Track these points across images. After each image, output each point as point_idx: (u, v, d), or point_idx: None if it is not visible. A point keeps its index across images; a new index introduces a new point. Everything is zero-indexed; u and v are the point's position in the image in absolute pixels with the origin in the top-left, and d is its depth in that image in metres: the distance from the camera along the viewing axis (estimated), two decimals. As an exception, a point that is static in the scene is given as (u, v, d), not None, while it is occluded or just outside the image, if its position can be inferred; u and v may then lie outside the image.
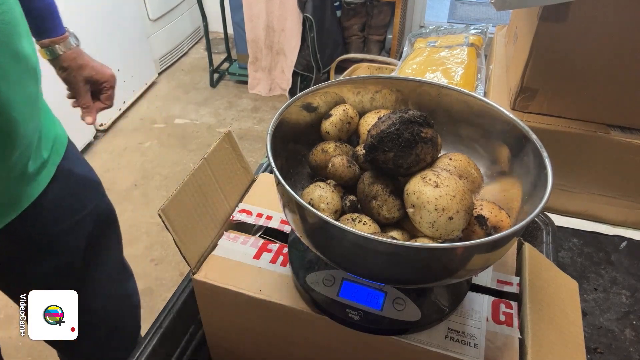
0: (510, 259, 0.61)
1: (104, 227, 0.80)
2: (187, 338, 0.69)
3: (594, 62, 0.74)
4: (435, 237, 0.46)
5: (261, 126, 2.48)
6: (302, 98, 0.56)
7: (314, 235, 0.47)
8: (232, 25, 2.59)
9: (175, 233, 0.56)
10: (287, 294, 0.56)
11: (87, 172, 0.78)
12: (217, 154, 0.66)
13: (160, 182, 2.10)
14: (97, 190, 0.80)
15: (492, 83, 0.96)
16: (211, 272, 0.59)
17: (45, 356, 1.41)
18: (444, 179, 0.45)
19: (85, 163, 0.79)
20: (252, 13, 2.40)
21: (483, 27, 1.23)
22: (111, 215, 0.83)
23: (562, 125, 0.80)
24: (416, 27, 2.77)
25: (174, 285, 1.62)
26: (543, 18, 0.73)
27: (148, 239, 1.81)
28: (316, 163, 0.57)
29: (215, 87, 2.80)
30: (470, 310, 0.54)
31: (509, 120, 0.52)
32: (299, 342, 0.61)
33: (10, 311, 1.54)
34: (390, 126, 0.47)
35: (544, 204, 0.41)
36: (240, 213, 0.67)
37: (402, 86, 0.60)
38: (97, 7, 2.18)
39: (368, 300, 0.52)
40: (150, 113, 2.57)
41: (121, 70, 2.42)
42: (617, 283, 0.80)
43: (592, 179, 0.84)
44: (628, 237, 0.87)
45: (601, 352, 0.70)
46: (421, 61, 1.11)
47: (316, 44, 2.37)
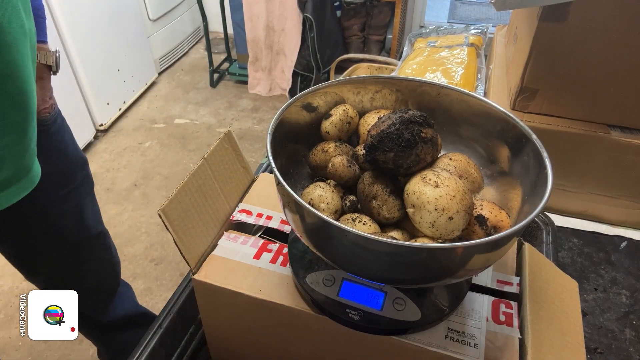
0: (510, 259, 0.61)
1: (84, 195, 0.84)
2: (187, 338, 0.69)
3: (594, 62, 0.74)
4: (435, 237, 0.46)
5: (261, 126, 2.48)
6: (302, 98, 0.56)
7: (314, 235, 0.47)
8: (232, 25, 2.59)
9: (175, 233, 0.56)
10: (287, 294, 0.56)
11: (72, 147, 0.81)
12: (217, 154, 0.66)
13: (160, 182, 2.10)
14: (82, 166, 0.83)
15: (492, 83, 0.96)
16: (211, 272, 0.59)
17: (46, 356, 1.42)
18: (444, 179, 0.45)
19: None
20: (252, 13, 2.40)
21: (483, 27, 1.23)
22: (90, 184, 0.87)
23: (562, 125, 0.80)
24: (416, 27, 2.77)
25: (174, 285, 1.62)
26: (543, 18, 0.73)
27: (148, 239, 1.81)
28: (316, 163, 0.57)
29: (215, 87, 2.81)
30: (470, 310, 0.54)
31: (509, 120, 0.52)
32: (299, 342, 0.61)
33: (10, 311, 1.54)
34: (390, 126, 0.47)
35: (544, 204, 0.41)
36: (240, 213, 0.67)
37: (402, 86, 0.60)
38: (97, 7, 2.18)
39: (368, 300, 0.52)
40: (150, 113, 2.57)
41: (121, 70, 2.42)
42: (617, 283, 0.80)
43: (592, 179, 0.84)
44: (628, 237, 0.87)
45: (601, 352, 0.70)
46: (421, 61, 1.10)
47: (316, 44, 2.36)
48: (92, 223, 0.88)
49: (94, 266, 0.93)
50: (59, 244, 0.82)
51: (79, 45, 2.07)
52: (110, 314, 1.02)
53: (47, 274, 0.88)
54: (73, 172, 0.79)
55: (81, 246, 0.87)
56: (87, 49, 2.13)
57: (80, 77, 2.14)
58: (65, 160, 0.77)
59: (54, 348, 1.43)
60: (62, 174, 0.77)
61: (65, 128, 0.77)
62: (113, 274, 1.01)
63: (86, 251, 0.89)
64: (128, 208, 1.94)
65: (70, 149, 0.78)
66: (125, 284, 1.08)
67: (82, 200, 0.83)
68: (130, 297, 1.10)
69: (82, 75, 2.14)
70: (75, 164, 0.80)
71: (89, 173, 0.85)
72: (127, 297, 1.09)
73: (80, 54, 2.08)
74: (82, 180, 0.82)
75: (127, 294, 1.09)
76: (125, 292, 1.08)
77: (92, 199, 0.87)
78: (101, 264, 0.95)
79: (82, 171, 0.82)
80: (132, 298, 1.11)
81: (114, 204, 1.94)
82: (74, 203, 0.81)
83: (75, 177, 0.80)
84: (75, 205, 0.81)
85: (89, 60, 2.15)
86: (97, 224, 0.90)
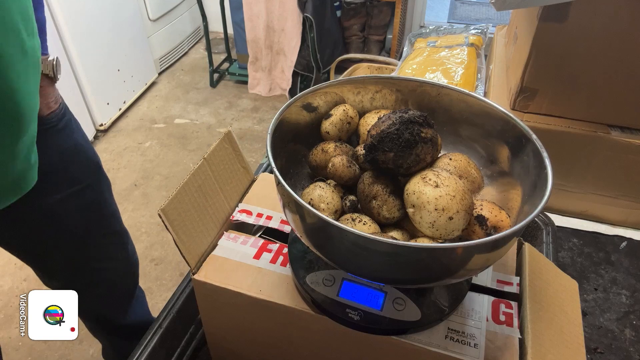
0: (510, 259, 0.61)
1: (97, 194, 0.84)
2: (187, 338, 0.69)
3: (594, 62, 0.74)
4: (435, 237, 0.46)
5: (261, 126, 2.48)
6: (302, 98, 0.56)
7: (314, 235, 0.47)
8: (232, 25, 2.59)
9: (175, 233, 0.56)
10: (287, 294, 0.56)
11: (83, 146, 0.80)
12: (217, 154, 0.66)
13: (160, 182, 2.10)
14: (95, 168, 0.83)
15: (492, 83, 0.96)
16: (211, 272, 0.59)
17: (46, 356, 1.42)
18: (444, 179, 0.45)
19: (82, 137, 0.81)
20: (252, 13, 2.40)
21: (483, 27, 1.23)
22: (105, 183, 0.87)
23: (562, 125, 0.80)
24: (416, 27, 2.77)
25: (174, 285, 1.62)
26: (543, 18, 0.73)
27: (148, 239, 1.81)
28: (316, 163, 0.57)
29: (215, 87, 2.80)
30: (470, 310, 0.54)
31: (509, 120, 0.52)
32: (299, 342, 0.61)
33: (10, 311, 1.54)
34: (390, 126, 0.47)
35: (544, 204, 0.41)
36: (240, 213, 0.67)
37: (402, 86, 0.60)
38: (97, 7, 2.18)
39: (368, 300, 0.52)
40: (150, 113, 2.57)
41: (121, 70, 2.42)
42: (617, 283, 0.80)
43: (592, 179, 0.84)
44: (628, 237, 0.87)
45: (601, 352, 0.70)
46: (421, 61, 1.10)
47: (316, 44, 2.36)
48: (106, 222, 0.87)
49: (110, 265, 0.92)
50: (68, 242, 0.82)
51: (79, 45, 2.07)
52: (128, 318, 1.02)
53: (61, 274, 0.87)
54: (82, 171, 0.79)
55: (93, 245, 0.86)
56: (87, 49, 2.13)
57: (80, 77, 2.14)
58: (72, 158, 0.77)
59: (54, 348, 1.43)
60: (68, 172, 0.76)
61: (73, 127, 0.77)
62: (130, 273, 1.00)
63: (100, 250, 0.88)
64: (128, 208, 1.94)
65: (78, 147, 0.78)
66: (141, 290, 1.08)
67: (94, 199, 0.83)
68: (146, 304, 1.10)
69: (82, 75, 2.14)
70: (84, 163, 0.79)
71: (102, 172, 0.85)
72: (144, 303, 1.09)
73: (80, 54, 2.08)
74: (95, 179, 0.82)
75: (144, 301, 1.09)
76: (142, 298, 1.08)
77: (106, 198, 0.86)
78: (118, 264, 0.95)
79: (93, 170, 0.82)
80: (147, 306, 1.11)
81: (114, 204, 1.94)
82: (85, 202, 0.80)
83: (85, 176, 0.79)
84: (85, 204, 0.81)
85: (89, 60, 2.15)
86: (113, 223, 0.89)
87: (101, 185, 0.84)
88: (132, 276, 1.01)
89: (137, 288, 1.05)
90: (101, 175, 0.85)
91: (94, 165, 0.82)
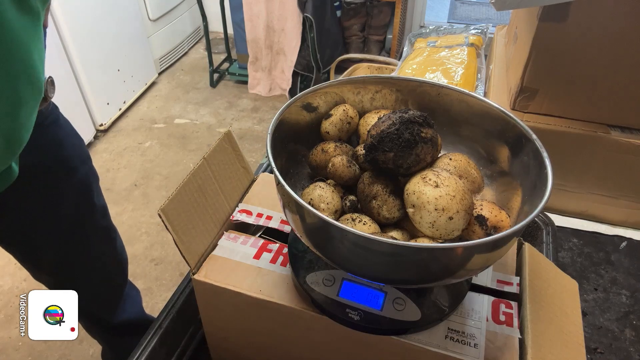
0: (510, 259, 0.61)
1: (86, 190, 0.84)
2: (187, 338, 0.69)
3: (594, 62, 0.74)
4: (435, 237, 0.46)
5: (261, 126, 2.48)
6: (302, 98, 0.56)
7: (314, 235, 0.47)
8: (232, 25, 2.59)
9: (175, 233, 0.56)
10: (287, 294, 0.56)
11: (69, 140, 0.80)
12: (217, 154, 0.66)
13: (160, 182, 2.10)
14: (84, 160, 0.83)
15: (492, 83, 0.96)
16: (211, 272, 0.59)
17: (46, 356, 1.42)
18: (444, 179, 0.45)
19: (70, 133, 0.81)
20: (252, 13, 2.40)
21: (483, 27, 1.23)
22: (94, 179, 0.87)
23: (562, 125, 0.80)
24: (416, 27, 2.77)
25: (174, 285, 1.62)
26: (543, 18, 0.73)
27: (148, 239, 1.81)
28: (316, 163, 0.57)
29: (215, 87, 2.80)
30: (470, 310, 0.54)
31: (509, 120, 0.52)
32: (299, 342, 0.61)
33: (10, 311, 1.54)
34: (390, 126, 0.47)
35: (544, 204, 0.41)
36: (240, 213, 0.67)
37: (402, 86, 0.60)
38: (98, 7, 2.18)
39: (368, 300, 0.52)
40: (150, 113, 2.57)
41: (121, 70, 2.42)
42: (617, 283, 0.80)
43: (592, 179, 0.84)
44: (628, 237, 0.87)
45: (601, 352, 0.70)
46: (421, 61, 1.10)
47: (316, 44, 2.36)
48: (96, 214, 0.87)
49: (99, 262, 0.93)
50: (58, 234, 0.82)
51: (79, 46, 2.07)
52: (119, 316, 1.02)
53: (50, 270, 0.87)
54: (70, 167, 0.79)
55: (82, 241, 0.86)
56: (87, 49, 2.13)
57: (80, 77, 2.14)
58: (60, 153, 0.76)
59: (54, 348, 1.43)
60: (55, 167, 0.76)
61: (61, 123, 0.77)
62: (119, 271, 1.00)
63: (89, 244, 0.88)
64: (128, 208, 1.94)
65: (66, 142, 0.77)
66: (134, 288, 1.08)
67: (82, 194, 0.83)
68: (139, 302, 1.10)
69: (82, 75, 2.14)
70: (73, 158, 0.79)
71: (92, 168, 0.85)
72: (137, 302, 1.09)
73: (80, 54, 2.08)
74: (84, 175, 0.82)
75: (136, 299, 1.08)
76: (135, 296, 1.08)
77: (93, 195, 0.86)
78: (107, 260, 0.95)
79: (83, 166, 0.82)
80: (141, 304, 1.11)
81: (114, 204, 1.94)
82: (73, 197, 0.80)
83: (73, 171, 0.79)
84: (74, 199, 0.81)
85: (89, 60, 2.15)
86: (100, 219, 0.90)
87: (90, 180, 0.85)
88: (121, 273, 1.01)
89: (127, 286, 1.04)
90: (90, 170, 0.85)
91: (85, 154, 0.83)
